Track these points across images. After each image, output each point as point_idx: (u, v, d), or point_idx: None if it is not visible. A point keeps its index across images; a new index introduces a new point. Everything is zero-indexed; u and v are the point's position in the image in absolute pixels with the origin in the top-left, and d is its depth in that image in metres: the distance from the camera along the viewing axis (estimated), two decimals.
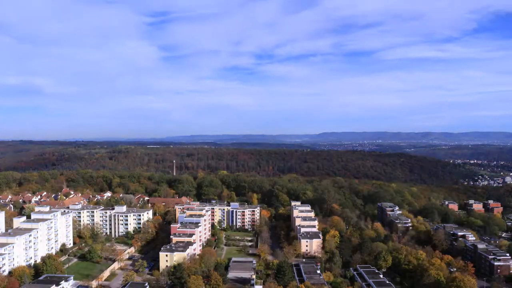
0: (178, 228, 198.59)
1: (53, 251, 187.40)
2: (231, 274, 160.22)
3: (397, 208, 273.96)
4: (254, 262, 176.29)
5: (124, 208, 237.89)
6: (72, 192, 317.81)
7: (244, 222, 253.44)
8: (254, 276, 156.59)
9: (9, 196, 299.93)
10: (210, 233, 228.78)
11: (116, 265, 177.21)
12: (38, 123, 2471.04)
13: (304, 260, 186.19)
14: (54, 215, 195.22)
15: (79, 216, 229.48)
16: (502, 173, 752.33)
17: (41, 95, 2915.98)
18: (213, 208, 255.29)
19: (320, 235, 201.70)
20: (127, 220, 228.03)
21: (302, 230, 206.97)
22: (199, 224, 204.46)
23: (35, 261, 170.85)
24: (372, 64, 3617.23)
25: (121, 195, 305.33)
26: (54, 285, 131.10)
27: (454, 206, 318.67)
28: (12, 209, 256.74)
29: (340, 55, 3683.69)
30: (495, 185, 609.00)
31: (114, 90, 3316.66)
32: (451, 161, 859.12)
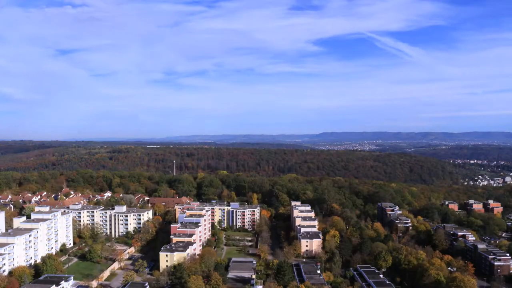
0: (178, 228, 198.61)
1: (53, 251, 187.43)
2: (231, 274, 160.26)
3: (397, 208, 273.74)
4: (254, 262, 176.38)
5: (124, 208, 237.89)
6: (72, 192, 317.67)
7: (244, 222, 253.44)
8: (254, 276, 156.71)
9: (9, 196, 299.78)
10: (210, 233, 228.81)
11: (116, 265, 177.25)
12: (38, 123, 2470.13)
13: (304, 260, 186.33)
14: (54, 215, 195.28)
15: (79, 216, 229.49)
16: (502, 173, 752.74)
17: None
18: (213, 208, 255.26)
19: (320, 235, 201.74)
20: (127, 220, 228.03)
21: (302, 230, 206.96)
22: (199, 224, 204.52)
23: (35, 261, 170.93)
24: None
25: (121, 195, 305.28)
26: (54, 285, 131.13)
27: (454, 206, 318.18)
28: (12, 209, 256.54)
29: None
30: (495, 185, 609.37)
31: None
32: (451, 161, 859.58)
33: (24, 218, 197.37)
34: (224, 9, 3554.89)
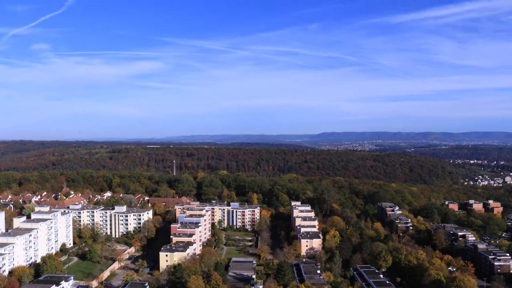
0: (178, 228, 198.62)
1: (53, 251, 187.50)
2: (231, 274, 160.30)
3: (397, 208, 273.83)
4: (254, 262, 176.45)
5: (124, 208, 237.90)
6: (72, 192, 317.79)
7: (244, 222, 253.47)
8: (254, 276, 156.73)
9: (9, 196, 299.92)
10: (210, 233, 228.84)
11: (116, 265, 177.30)
12: (38, 123, 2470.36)
13: (304, 260, 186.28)
14: (54, 215, 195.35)
15: (79, 216, 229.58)
16: (502, 173, 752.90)
17: None
18: (213, 208, 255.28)
19: (320, 235, 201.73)
20: (127, 220, 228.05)
21: (302, 230, 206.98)
22: (199, 224, 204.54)
23: (35, 261, 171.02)
24: None
25: (121, 195, 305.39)
26: (54, 285, 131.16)
27: (454, 206, 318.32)
28: (12, 209, 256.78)
29: None
30: (495, 185, 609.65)
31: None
32: (451, 161, 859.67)
33: (24, 218, 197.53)
34: None
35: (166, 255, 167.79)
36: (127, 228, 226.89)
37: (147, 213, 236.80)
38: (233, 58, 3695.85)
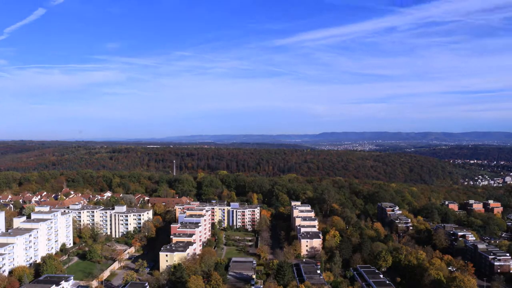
0: (178, 228, 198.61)
1: (53, 251, 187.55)
2: (231, 274, 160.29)
3: (397, 208, 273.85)
4: (254, 262, 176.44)
5: (124, 208, 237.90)
6: (72, 192, 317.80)
7: (244, 222, 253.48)
8: (254, 276, 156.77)
9: (9, 196, 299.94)
10: (210, 233, 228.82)
11: (116, 265, 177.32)
12: (38, 123, 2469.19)
13: (304, 260, 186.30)
14: (54, 215, 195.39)
15: (79, 216, 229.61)
16: (502, 173, 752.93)
17: None
18: (213, 208, 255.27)
19: (320, 235, 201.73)
20: (127, 220, 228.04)
21: (302, 230, 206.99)
22: (199, 224, 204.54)
23: (35, 261, 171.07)
24: None
25: (121, 195, 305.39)
26: (54, 285, 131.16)
27: (454, 206, 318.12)
28: (12, 209, 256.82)
29: None
30: (495, 185, 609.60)
31: None
32: (451, 161, 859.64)
33: (24, 218, 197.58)
34: None
35: (166, 255, 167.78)
36: (127, 228, 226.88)
37: (147, 213, 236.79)
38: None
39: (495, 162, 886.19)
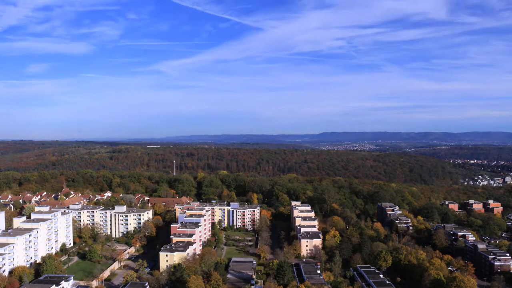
0: (178, 228, 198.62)
1: (53, 251, 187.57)
2: (231, 274, 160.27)
3: (397, 208, 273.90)
4: (254, 262, 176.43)
5: (124, 208, 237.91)
6: (72, 192, 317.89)
7: (244, 222, 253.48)
8: (254, 276, 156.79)
9: (9, 196, 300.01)
10: (210, 233, 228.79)
11: (116, 265, 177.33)
12: (38, 123, 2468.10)
13: (304, 260, 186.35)
14: (54, 215, 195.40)
15: (79, 216, 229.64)
16: (502, 173, 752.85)
17: None
18: (213, 208, 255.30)
19: (320, 235, 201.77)
20: (127, 220, 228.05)
21: (302, 230, 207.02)
22: (199, 224, 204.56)
23: (35, 261, 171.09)
24: None
25: (121, 195, 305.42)
26: (54, 285, 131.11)
27: (454, 206, 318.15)
28: (12, 209, 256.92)
29: None
30: (495, 185, 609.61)
31: None
32: (451, 161, 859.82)
33: (24, 218, 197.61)
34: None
35: (166, 255, 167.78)
36: (127, 228, 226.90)
37: (147, 213, 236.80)
38: None
39: (495, 162, 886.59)
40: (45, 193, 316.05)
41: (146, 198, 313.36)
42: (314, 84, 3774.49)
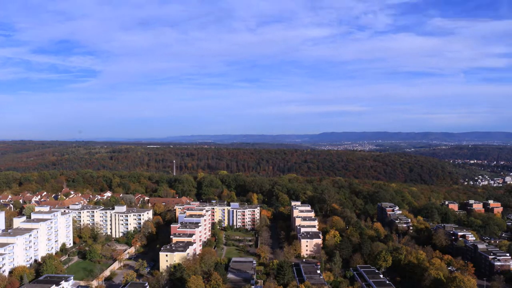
0: (178, 228, 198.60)
1: (53, 251, 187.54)
2: (231, 274, 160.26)
3: (397, 208, 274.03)
4: (254, 262, 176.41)
5: (124, 208, 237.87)
6: (72, 192, 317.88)
7: (244, 222, 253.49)
8: (254, 276, 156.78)
9: (9, 196, 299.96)
10: (210, 233, 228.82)
11: (116, 265, 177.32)
12: (38, 123, 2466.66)
13: (304, 260, 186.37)
14: (54, 215, 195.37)
15: (79, 216, 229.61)
16: (502, 173, 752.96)
17: None
18: (213, 208, 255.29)
19: (320, 235, 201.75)
20: (127, 220, 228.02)
21: (302, 230, 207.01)
22: (199, 224, 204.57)
23: (35, 261, 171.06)
24: None
25: (121, 195, 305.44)
26: (54, 285, 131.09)
27: (454, 206, 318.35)
28: (12, 209, 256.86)
29: None
30: (495, 185, 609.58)
31: None
32: (451, 161, 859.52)
33: (24, 218, 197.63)
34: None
35: (166, 255, 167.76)
36: (127, 228, 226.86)
37: (147, 213, 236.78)
38: None
39: (495, 162, 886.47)
40: (45, 193, 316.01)
41: (146, 198, 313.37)
42: None
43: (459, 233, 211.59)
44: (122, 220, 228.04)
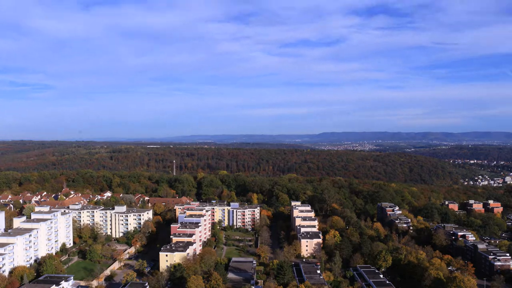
0: (178, 228, 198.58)
1: (53, 251, 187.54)
2: (231, 274, 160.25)
3: (397, 208, 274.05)
4: (254, 262, 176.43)
5: (124, 208, 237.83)
6: (72, 192, 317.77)
7: (244, 222, 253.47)
8: (254, 276, 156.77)
9: (9, 196, 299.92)
10: (210, 233, 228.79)
11: (116, 265, 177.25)
12: (38, 123, 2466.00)
13: (304, 260, 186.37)
14: (54, 215, 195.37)
15: (79, 216, 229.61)
16: (502, 173, 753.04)
17: None
18: (213, 208, 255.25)
19: (320, 235, 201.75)
20: (127, 220, 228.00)
21: (302, 230, 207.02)
22: (199, 224, 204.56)
23: (35, 261, 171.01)
24: None
25: (121, 195, 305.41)
26: (54, 285, 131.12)
27: (454, 206, 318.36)
28: (12, 209, 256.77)
29: None
30: (495, 185, 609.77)
31: None
32: (451, 161, 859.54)
33: (24, 218, 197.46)
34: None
35: (166, 255, 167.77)
36: (127, 228, 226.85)
37: (147, 213, 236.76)
38: None
39: (495, 162, 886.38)
40: (45, 193, 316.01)
41: (146, 198, 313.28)
42: None
43: (459, 233, 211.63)
44: (122, 220, 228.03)
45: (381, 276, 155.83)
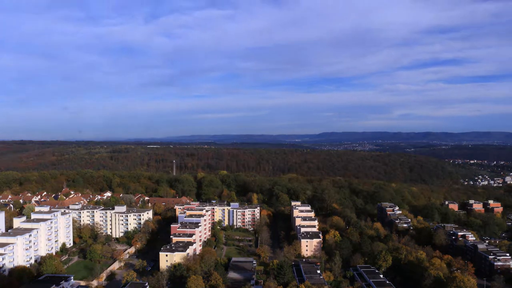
0: (178, 228, 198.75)
1: (53, 251, 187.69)
2: (231, 274, 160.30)
3: (397, 208, 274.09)
4: (254, 262, 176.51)
5: (124, 208, 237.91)
6: (72, 192, 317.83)
7: (244, 222, 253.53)
8: (254, 276, 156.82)
9: (9, 196, 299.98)
10: (210, 233, 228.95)
11: (116, 265, 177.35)
12: (38, 123, 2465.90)
13: (304, 260, 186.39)
14: (54, 215, 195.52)
15: (79, 216, 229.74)
16: (502, 173, 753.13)
17: None
18: (213, 208, 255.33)
19: (320, 235, 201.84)
20: (127, 220, 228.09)
21: (302, 230, 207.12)
22: (199, 224, 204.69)
23: (35, 261, 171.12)
24: None
25: (121, 195, 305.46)
26: (54, 285, 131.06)
27: (454, 206, 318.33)
28: (12, 209, 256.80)
29: None
30: (495, 185, 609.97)
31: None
32: (451, 161, 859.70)
33: (24, 218, 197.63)
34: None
35: (166, 255, 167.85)
36: (127, 228, 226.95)
37: (147, 213, 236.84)
38: None
39: (495, 162, 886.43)
40: (45, 193, 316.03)
41: (146, 198, 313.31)
42: None
43: (459, 233, 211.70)
44: (122, 220, 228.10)
45: (381, 276, 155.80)
